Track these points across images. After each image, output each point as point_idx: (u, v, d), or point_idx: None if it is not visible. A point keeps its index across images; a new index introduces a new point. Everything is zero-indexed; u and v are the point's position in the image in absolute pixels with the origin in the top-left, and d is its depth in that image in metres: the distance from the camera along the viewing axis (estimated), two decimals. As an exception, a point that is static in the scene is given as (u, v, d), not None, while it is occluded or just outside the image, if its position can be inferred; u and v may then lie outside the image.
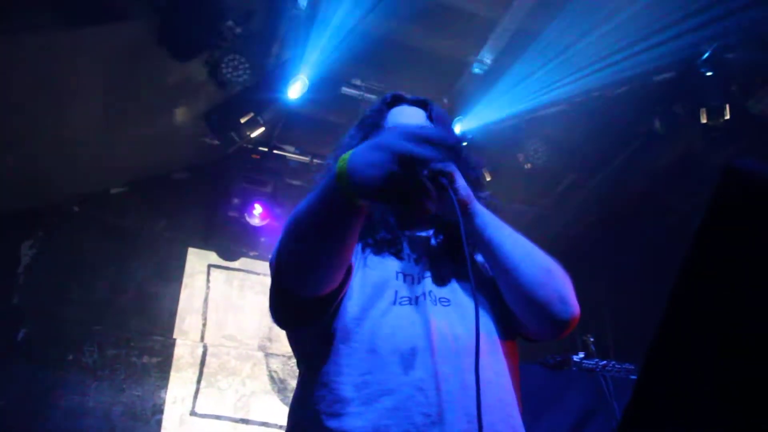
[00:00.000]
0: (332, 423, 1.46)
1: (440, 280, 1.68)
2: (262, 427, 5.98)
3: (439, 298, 1.63)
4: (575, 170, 6.63)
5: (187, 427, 5.76)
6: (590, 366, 3.69)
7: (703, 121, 5.18)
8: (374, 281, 1.64)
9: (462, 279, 1.70)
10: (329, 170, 1.52)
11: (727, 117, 5.12)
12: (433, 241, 1.81)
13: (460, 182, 1.62)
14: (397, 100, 1.99)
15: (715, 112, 5.15)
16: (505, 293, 1.64)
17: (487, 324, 1.64)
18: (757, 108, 5.16)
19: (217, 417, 5.90)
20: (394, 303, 1.60)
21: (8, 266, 5.73)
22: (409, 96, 2.01)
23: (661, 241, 5.96)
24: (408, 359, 1.49)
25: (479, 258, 1.83)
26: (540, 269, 1.61)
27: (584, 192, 6.75)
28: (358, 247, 1.74)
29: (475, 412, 1.38)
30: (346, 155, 1.32)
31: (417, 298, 1.62)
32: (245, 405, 6.04)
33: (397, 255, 1.72)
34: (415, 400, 1.44)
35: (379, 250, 1.73)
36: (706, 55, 5.06)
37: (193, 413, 5.83)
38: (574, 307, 1.61)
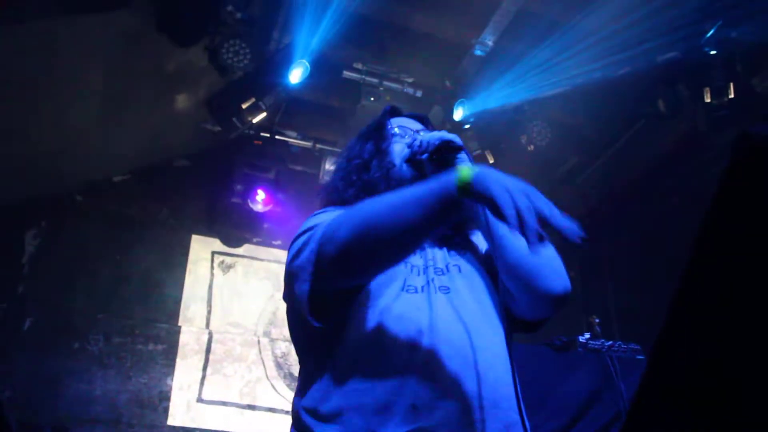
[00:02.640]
0: (343, 399, 1.51)
1: (441, 268, 1.74)
2: (269, 413, 6.01)
3: (440, 286, 1.68)
4: (578, 152, 6.61)
5: (194, 413, 5.78)
6: (596, 347, 3.69)
7: (707, 100, 5.15)
8: (381, 277, 1.67)
9: (461, 266, 1.77)
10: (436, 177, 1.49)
11: (732, 96, 5.09)
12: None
13: (469, 157, 1.75)
14: (396, 112, 2.11)
15: (720, 92, 5.12)
16: (502, 268, 1.69)
17: (487, 309, 1.70)
18: (761, 86, 5.13)
19: (224, 403, 5.92)
20: (403, 289, 1.65)
21: (13, 256, 5.74)
22: (405, 111, 2.13)
23: (664, 222, 5.95)
24: (414, 340, 1.54)
25: (480, 243, 1.91)
26: None
27: (587, 173, 6.73)
28: None
29: (477, 391, 1.49)
30: (471, 169, 1.39)
31: (423, 286, 1.67)
32: (251, 391, 6.06)
33: None
34: (420, 378, 1.49)
35: None
36: (710, 33, 5.02)
37: (199, 400, 5.85)
38: (567, 279, 1.67)
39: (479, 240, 1.91)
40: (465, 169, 1.38)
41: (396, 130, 2.00)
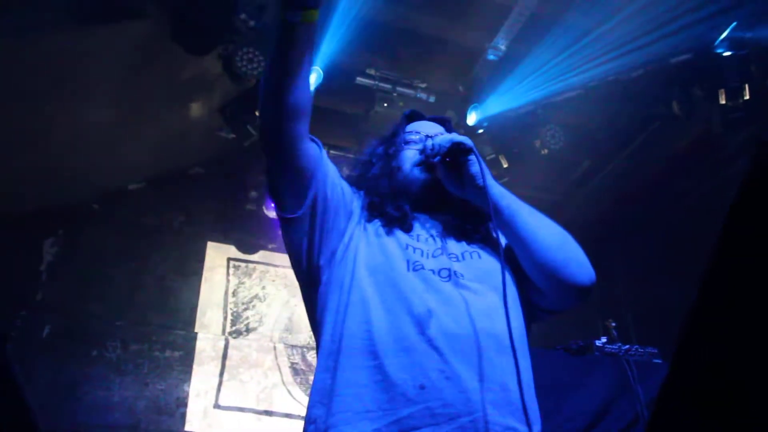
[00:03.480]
0: (353, 376, 1.54)
1: (456, 255, 1.77)
2: (285, 419, 6.02)
3: (453, 272, 1.70)
4: (592, 155, 6.58)
5: (211, 419, 5.80)
6: (613, 350, 3.67)
7: (722, 102, 5.12)
8: (386, 250, 1.73)
9: (480, 254, 1.80)
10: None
11: (747, 97, 5.06)
12: (444, 222, 1.90)
13: (478, 158, 1.80)
14: (416, 116, 2.17)
15: (734, 93, 5.09)
16: (524, 261, 1.75)
17: (506, 298, 1.70)
18: (777, 87, 5.10)
19: (241, 409, 5.94)
20: (408, 270, 1.68)
21: (31, 264, 5.79)
22: (427, 116, 2.20)
23: (679, 224, 5.92)
24: (424, 320, 1.57)
25: (494, 235, 1.93)
26: (557, 234, 1.75)
27: (602, 176, 6.70)
28: (364, 219, 1.86)
29: (488, 373, 1.51)
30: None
31: (432, 270, 1.70)
32: (268, 397, 6.07)
33: (408, 232, 1.82)
34: (430, 357, 1.51)
35: (390, 227, 1.81)
36: (724, 35, 4.99)
37: (216, 406, 5.87)
38: (592, 270, 1.72)
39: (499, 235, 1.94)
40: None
41: (413, 136, 2.04)
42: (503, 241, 1.88)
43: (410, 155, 1.98)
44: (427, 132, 2.06)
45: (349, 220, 1.82)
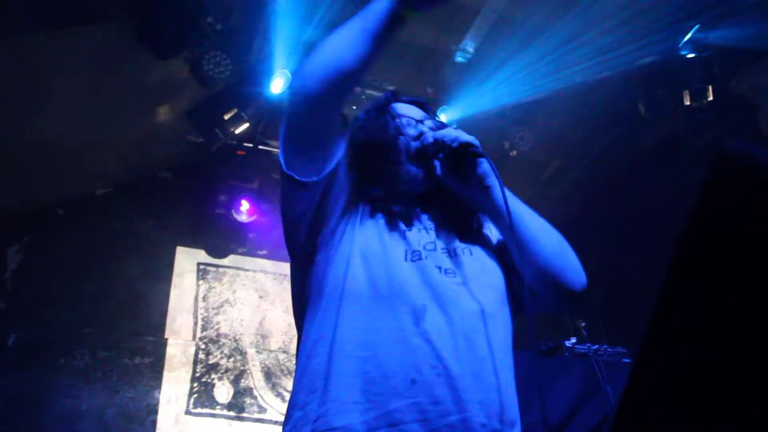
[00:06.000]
0: (344, 366, 1.52)
1: (449, 250, 1.75)
2: (258, 423, 5.98)
3: (446, 268, 1.69)
4: (561, 156, 6.65)
5: (182, 426, 5.74)
6: (582, 351, 3.71)
7: (687, 103, 5.21)
8: (384, 239, 1.71)
9: (473, 251, 1.79)
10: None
11: (711, 98, 5.15)
12: (438, 217, 1.86)
13: (488, 158, 1.79)
14: (397, 96, 2.12)
15: (698, 94, 5.18)
16: (527, 268, 1.72)
17: (497, 294, 1.73)
18: (739, 88, 5.19)
19: (212, 415, 5.89)
20: (406, 259, 1.67)
21: (-5, 272, 5.69)
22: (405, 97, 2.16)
23: (647, 226, 5.99)
24: (420, 313, 1.56)
25: (490, 230, 1.94)
26: (557, 240, 1.79)
27: (570, 178, 6.77)
28: (368, 208, 1.81)
29: (479, 371, 1.52)
30: None
31: (429, 261, 1.68)
32: (239, 402, 6.03)
33: (406, 223, 1.79)
34: (423, 351, 1.51)
35: (390, 220, 1.78)
36: (688, 36, 5.07)
37: (188, 412, 5.82)
38: (585, 276, 1.77)
39: (491, 232, 1.94)
40: None
41: (402, 120, 1.98)
42: (497, 237, 1.91)
43: (404, 142, 1.90)
44: (415, 116, 2.00)
45: (346, 202, 1.77)
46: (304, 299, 1.74)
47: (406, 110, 2.02)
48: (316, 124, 1.68)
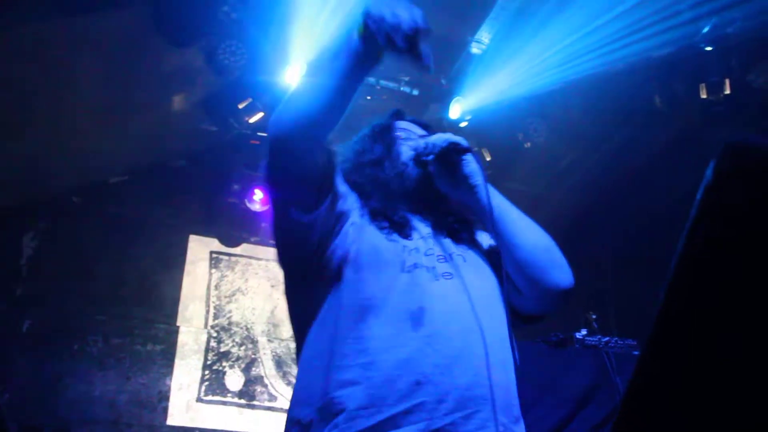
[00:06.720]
0: (345, 375, 1.52)
1: (444, 256, 1.76)
2: (268, 411, 6.01)
3: (443, 273, 1.70)
4: (575, 148, 6.61)
5: (193, 413, 5.79)
6: (593, 343, 3.69)
7: (703, 96, 5.16)
8: (381, 252, 1.71)
9: (466, 257, 1.80)
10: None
11: (728, 92, 5.10)
12: (433, 222, 1.89)
13: (476, 157, 1.83)
14: (401, 115, 2.14)
15: (715, 87, 5.13)
16: (509, 262, 1.76)
17: (494, 298, 1.74)
18: (757, 82, 5.14)
19: (223, 402, 5.93)
20: (402, 271, 1.67)
21: (11, 258, 5.73)
22: (408, 116, 2.17)
23: (661, 218, 5.95)
24: (417, 317, 1.57)
25: (483, 235, 1.98)
26: (542, 238, 1.79)
27: (584, 170, 6.73)
28: (366, 220, 1.82)
29: (481, 369, 1.53)
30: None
31: (421, 269, 1.69)
32: (250, 390, 6.06)
33: (403, 234, 1.79)
34: (424, 353, 1.52)
35: (388, 231, 1.79)
36: (706, 29, 5.02)
37: (199, 399, 5.86)
38: (572, 275, 1.77)
39: (483, 239, 1.97)
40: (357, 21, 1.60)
41: (401, 134, 2.03)
42: (489, 243, 1.93)
43: (404, 151, 1.97)
44: (416, 132, 2.06)
45: (347, 220, 1.79)
46: (304, 320, 1.75)
47: (408, 126, 2.07)
48: (298, 168, 1.69)
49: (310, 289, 1.76)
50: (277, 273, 6.87)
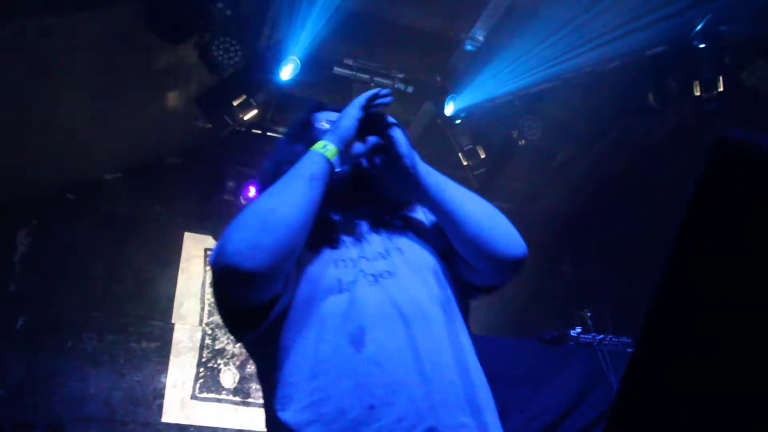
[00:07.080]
0: (301, 416, 1.46)
1: (380, 253, 1.69)
2: (262, 409, 5.99)
3: (380, 273, 1.62)
4: (569, 146, 6.63)
5: (188, 410, 5.78)
6: (587, 340, 3.71)
7: (697, 93, 5.17)
8: (313, 277, 1.61)
9: (402, 248, 1.71)
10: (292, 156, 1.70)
11: (721, 89, 5.11)
12: (363, 218, 1.80)
13: (401, 134, 1.73)
14: (322, 106, 2.00)
15: (709, 85, 5.14)
16: (454, 237, 1.69)
17: (435, 288, 1.66)
18: (750, 80, 5.16)
19: (218, 400, 5.93)
20: (341, 291, 1.58)
21: (4, 255, 5.72)
22: (330, 105, 2.02)
23: (655, 215, 5.98)
24: (358, 338, 1.50)
25: (418, 214, 1.88)
26: (485, 207, 1.71)
27: (578, 167, 6.75)
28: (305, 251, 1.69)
29: (431, 375, 1.46)
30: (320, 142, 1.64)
31: (357, 281, 1.60)
32: (245, 387, 6.07)
33: (332, 245, 1.69)
34: (373, 375, 1.45)
35: (314, 246, 1.67)
36: (699, 27, 5.04)
37: (193, 397, 5.86)
38: (523, 242, 1.67)
39: (421, 215, 1.88)
40: (318, 145, 1.63)
41: (324, 124, 1.90)
42: (431, 219, 1.85)
43: None
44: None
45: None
46: (267, 364, 1.64)
47: (332, 117, 1.89)
48: (261, 301, 1.54)
49: (270, 336, 1.61)
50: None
